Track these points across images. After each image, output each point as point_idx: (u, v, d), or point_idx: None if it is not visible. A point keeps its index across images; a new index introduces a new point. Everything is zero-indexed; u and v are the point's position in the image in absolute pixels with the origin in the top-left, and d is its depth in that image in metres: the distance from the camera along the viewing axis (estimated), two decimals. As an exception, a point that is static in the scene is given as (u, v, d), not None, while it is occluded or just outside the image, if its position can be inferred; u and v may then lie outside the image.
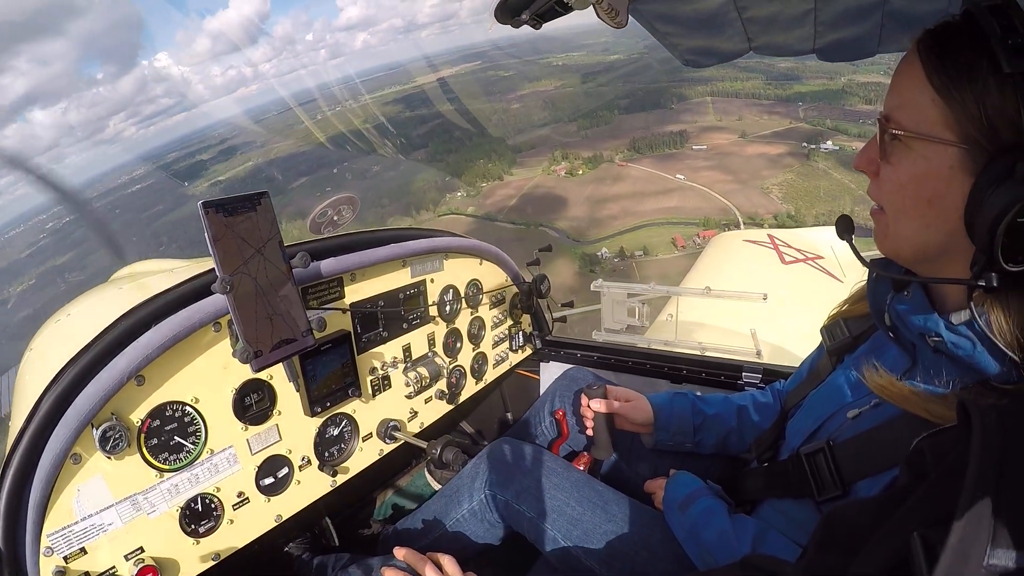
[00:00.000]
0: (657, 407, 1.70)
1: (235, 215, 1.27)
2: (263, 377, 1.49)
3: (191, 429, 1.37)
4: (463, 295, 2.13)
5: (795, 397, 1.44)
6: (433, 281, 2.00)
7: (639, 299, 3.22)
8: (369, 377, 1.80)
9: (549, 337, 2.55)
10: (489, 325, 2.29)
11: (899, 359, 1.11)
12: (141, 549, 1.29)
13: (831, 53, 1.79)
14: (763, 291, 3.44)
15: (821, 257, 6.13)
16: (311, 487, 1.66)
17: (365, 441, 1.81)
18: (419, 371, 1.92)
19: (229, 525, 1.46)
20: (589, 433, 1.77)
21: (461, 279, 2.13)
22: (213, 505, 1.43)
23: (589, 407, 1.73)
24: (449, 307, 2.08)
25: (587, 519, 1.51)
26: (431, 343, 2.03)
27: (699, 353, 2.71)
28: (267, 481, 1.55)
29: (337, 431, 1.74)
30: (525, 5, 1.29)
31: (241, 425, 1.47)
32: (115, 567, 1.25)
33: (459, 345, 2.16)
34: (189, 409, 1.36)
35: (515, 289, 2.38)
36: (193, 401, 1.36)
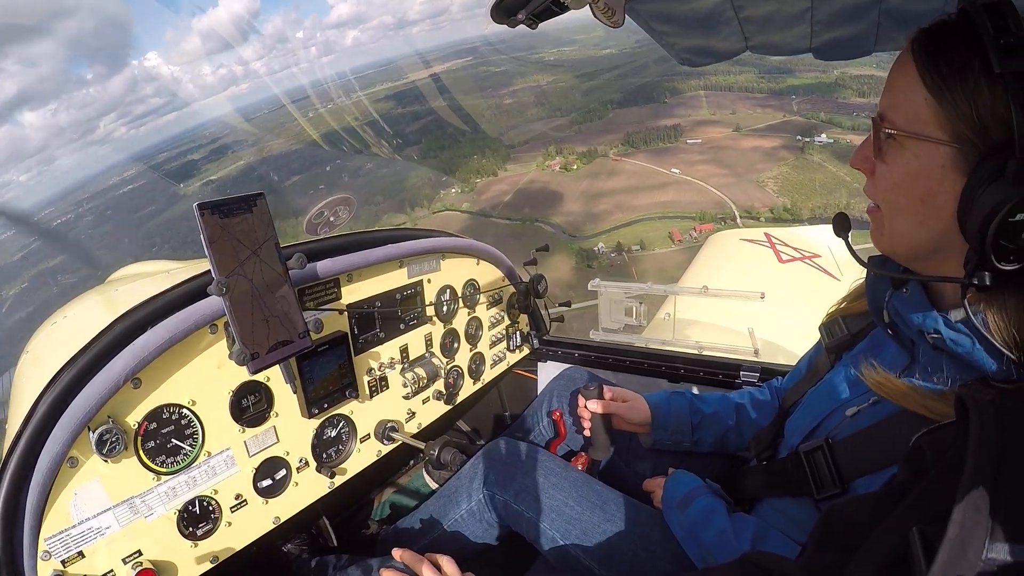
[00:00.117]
0: (654, 406, 1.70)
1: (231, 217, 1.26)
2: (260, 379, 1.49)
3: (188, 431, 1.37)
4: (460, 295, 2.13)
5: (794, 395, 1.44)
6: (430, 281, 2.00)
7: (636, 298, 3.22)
8: (366, 378, 1.80)
9: (546, 337, 2.55)
10: (486, 325, 2.29)
11: (898, 356, 1.11)
12: (139, 552, 1.29)
13: (827, 52, 1.79)
14: (760, 290, 3.44)
15: (818, 256, 6.14)
16: (309, 489, 1.66)
17: (363, 442, 1.80)
18: (416, 372, 1.92)
19: (227, 527, 1.46)
20: (587, 433, 1.77)
21: (458, 279, 2.13)
22: (211, 507, 1.43)
23: (586, 408, 1.73)
24: (446, 307, 2.08)
25: (585, 518, 1.51)
26: (428, 343, 2.03)
27: (697, 352, 2.72)
28: (265, 483, 1.54)
29: (335, 432, 1.73)
30: (521, 5, 1.29)
31: (238, 427, 1.46)
32: (113, 570, 1.25)
33: (456, 345, 2.16)
34: (186, 411, 1.36)
35: (512, 289, 2.38)
36: (190, 403, 1.36)
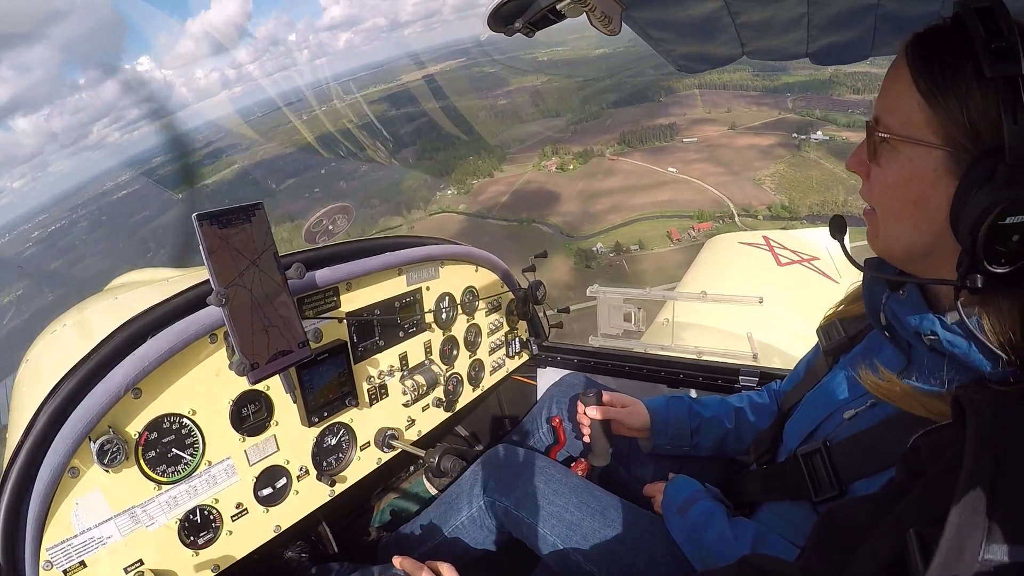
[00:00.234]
0: (653, 411, 1.70)
1: (229, 227, 1.27)
2: (260, 388, 1.49)
3: (189, 441, 1.37)
4: (459, 302, 2.14)
5: (792, 398, 1.44)
6: (429, 289, 2.01)
7: (635, 304, 3.22)
8: (366, 386, 1.80)
9: (546, 343, 2.55)
10: (485, 332, 2.30)
11: (895, 358, 1.11)
12: (140, 562, 1.29)
13: (824, 57, 1.79)
14: (759, 293, 3.44)
15: (816, 258, 6.13)
16: (309, 497, 1.66)
17: (363, 450, 1.81)
18: (416, 379, 1.92)
19: (228, 536, 1.46)
20: (586, 440, 1.77)
21: (457, 286, 2.13)
22: (212, 516, 1.43)
23: (585, 413, 1.74)
24: (445, 314, 2.09)
25: (586, 524, 1.51)
26: (428, 351, 2.03)
27: (696, 357, 2.72)
28: (265, 492, 1.55)
29: (335, 440, 1.73)
30: (518, 13, 1.30)
31: (239, 436, 1.47)
32: None
33: (456, 352, 2.16)
34: (186, 421, 1.36)
35: (511, 295, 2.39)
36: (190, 413, 1.36)
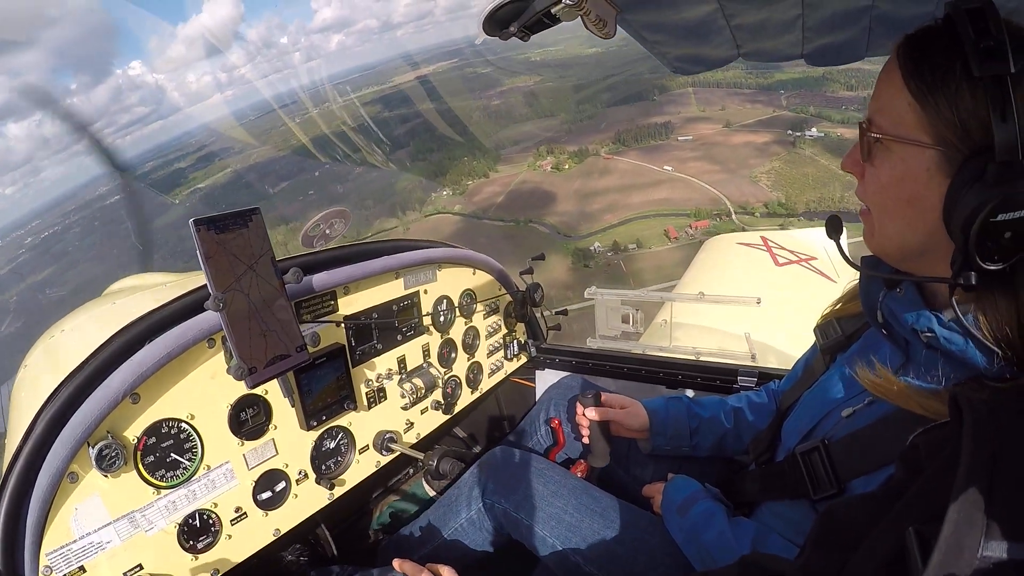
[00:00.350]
0: (652, 412, 1.71)
1: (227, 232, 1.28)
2: (258, 392, 1.49)
3: (187, 445, 1.37)
4: (457, 305, 2.14)
5: (790, 397, 1.45)
6: (427, 292, 2.01)
7: (633, 305, 3.23)
8: (364, 389, 1.80)
9: (544, 345, 2.55)
10: (484, 334, 2.30)
11: (892, 356, 1.12)
12: (140, 566, 1.29)
13: (819, 58, 1.80)
14: (757, 293, 3.45)
15: (814, 258, 6.15)
16: (309, 500, 1.66)
17: (362, 453, 1.81)
18: (414, 382, 1.92)
19: (227, 540, 1.46)
20: (585, 441, 1.77)
21: (455, 289, 2.14)
22: (211, 521, 1.43)
23: (584, 415, 1.74)
24: (443, 317, 2.09)
25: (585, 525, 1.51)
26: (426, 354, 2.03)
27: (694, 358, 2.72)
28: (264, 495, 1.55)
29: (333, 444, 1.74)
30: (513, 17, 1.31)
31: (237, 440, 1.47)
32: None
33: (454, 355, 2.16)
34: (185, 426, 1.36)
35: (509, 298, 2.39)
36: (189, 418, 1.37)
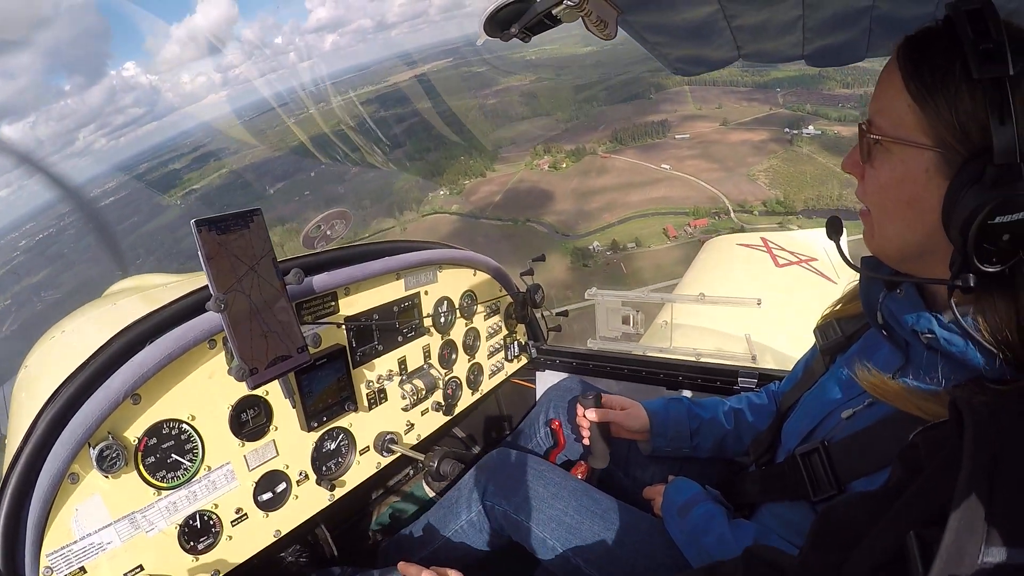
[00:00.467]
0: (652, 413, 1.71)
1: (228, 233, 1.28)
2: (259, 393, 1.50)
3: (188, 446, 1.37)
4: (457, 306, 2.14)
5: (790, 398, 1.45)
6: (427, 293, 2.01)
7: (633, 307, 3.23)
8: (365, 390, 1.80)
9: (544, 346, 2.55)
10: (484, 336, 2.30)
11: (892, 357, 1.12)
12: (140, 567, 1.29)
13: (819, 59, 1.80)
14: (758, 294, 3.45)
15: (815, 259, 6.15)
16: (309, 501, 1.66)
17: (362, 454, 1.81)
18: (415, 383, 1.92)
19: (228, 541, 1.46)
20: (586, 443, 1.77)
21: (455, 290, 2.14)
22: (211, 522, 1.43)
23: (584, 416, 1.74)
24: (444, 319, 2.09)
25: (585, 527, 1.51)
26: (426, 355, 2.04)
27: (694, 359, 2.72)
28: (265, 496, 1.55)
29: (334, 445, 1.74)
30: (514, 18, 1.31)
31: (238, 441, 1.47)
32: None
33: (454, 356, 2.16)
34: (186, 426, 1.37)
35: (509, 299, 2.39)
36: (189, 418, 1.37)
